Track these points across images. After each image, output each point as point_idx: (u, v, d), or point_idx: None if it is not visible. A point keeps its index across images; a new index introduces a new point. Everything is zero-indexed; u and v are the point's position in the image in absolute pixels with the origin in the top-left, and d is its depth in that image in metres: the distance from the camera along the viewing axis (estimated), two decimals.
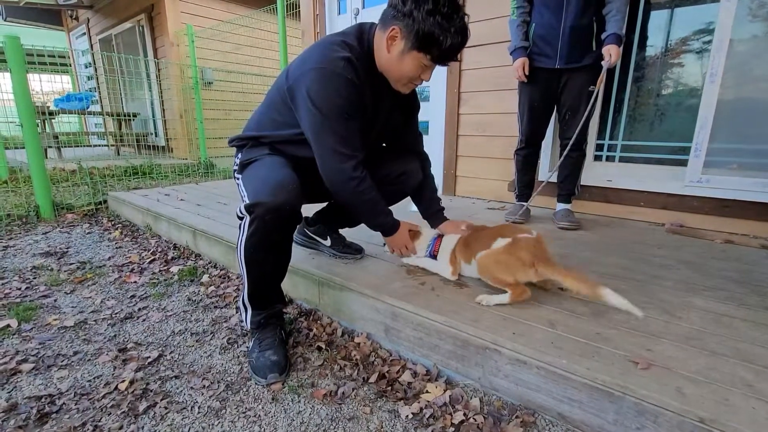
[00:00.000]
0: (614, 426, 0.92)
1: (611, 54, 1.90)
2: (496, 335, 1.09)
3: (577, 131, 2.04)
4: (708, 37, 2.24)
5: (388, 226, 1.43)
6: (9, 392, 1.17)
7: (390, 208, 1.50)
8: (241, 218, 1.17)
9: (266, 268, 1.24)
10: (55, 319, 1.58)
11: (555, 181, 2.33)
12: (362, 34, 1.22)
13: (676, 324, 1.16)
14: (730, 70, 2.03)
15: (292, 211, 1.17)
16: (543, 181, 2.21)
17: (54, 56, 3.81)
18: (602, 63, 1.95)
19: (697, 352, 1.02)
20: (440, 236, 1.55)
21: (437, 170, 3.15)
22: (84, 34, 7.56)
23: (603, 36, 1.95)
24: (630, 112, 2.52)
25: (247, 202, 1.15)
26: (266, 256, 1.21)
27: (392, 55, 1.17)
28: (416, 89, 1.45)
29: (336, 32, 1.24)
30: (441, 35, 1.10)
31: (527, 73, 2.11)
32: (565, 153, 2.11)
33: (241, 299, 1.30)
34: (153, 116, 6.49)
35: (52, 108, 5.39)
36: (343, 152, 1.19)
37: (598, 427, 0.94)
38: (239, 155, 1.38)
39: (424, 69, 1.19)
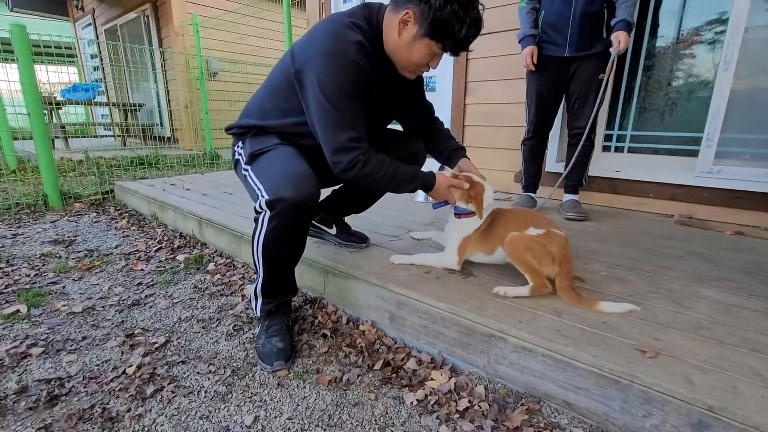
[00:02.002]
0: (621, 414, 0.91)
1: (620, 40, 1.86)
2: (502, 323, 1.08)
3: (589, 121, 2.01)
4: (721, 26, 2.19)
5: (418, 189, 1.29)
6: (19, 375, 1.19)
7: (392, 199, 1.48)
8: (258, 213, 1.15)
9: (283, 260, 1.24)
10: (64, 305, 1.60)
11: (562, 171, 2.31)
12: (371, 15, 1.18)
13: (684, 314, 1.15)
14: (744, 58, 1.99)
15: (313, 204, 1.16)
16: (561, 174, 2.18)
17: (60, 47, 3.81)
18: (611, 50, 1.91)
19: (706, 341, 1.01)
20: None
21: None
22: (89, 24, 7.56)
23: (612, 22, 1.91)
24: (640, 101, 2.48)
25: (267, 197, 1.12)
26: (284, 248, 1.21)
27: (402, 39, 1.14)
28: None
29: (342, 12, 1.20)
30: (456, 25, 1.07)
31: (536, 62, 2.07)
32: (581, 143, 2.06)
33: (253, 289, 1.30)
34: (158, 107, 6.49)
35: (59, 98, 5.41)
36: (346, 145, 1.14)
37: (604, 414, 0.94)
38: (240, 144, 1.34)
39: (434, 57, 1.16)
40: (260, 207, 1.14)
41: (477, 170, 1.41)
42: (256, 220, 1.17)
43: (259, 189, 1.19)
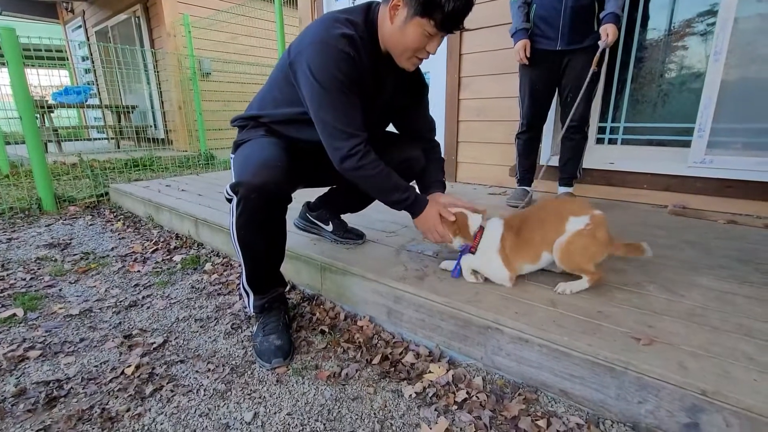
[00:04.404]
0: (616, 401, 0.92)
1: (608, 33, 1.87)
2: (498, 315, 1.09)
3: (571, 111, 2.01)
4: (712, 17, 2.20)
5: (407, 204, 1.27)
6: (18, 378, 1.19)
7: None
8: (229, 200, 1.18)
9: (260, 249, 1.24)
10: (61, 308, 1.60)
11: (557, 164, 2.32)
12: (368, 12, 1.19)
13: (678, 302, 1.16)
14: (734, 48, 2.00)
15: (277, 189, 1.16)
16: (557, 167, 2.16)
17: (51, 50, 3.79)
18: (599, 43, 1.92)
19: (699, 327, 1.02)
20: (482, 228, 1.29)
21: None
22: (80, 26, 7.49)
23: (601, 15, 1.92)
24: (632, 93, 2.49)
25: (233, 181, 1.16)
26: (257, 236, 1.21)
27: (395, 25, 1.13)
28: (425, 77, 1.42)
29: (341, 9, 1.21)
30: None
31: (529, 56, 2.08)
32: (562, 131, 2.05)
33: (241, 284, 1.31)
34: (152, 108, 6.46)
35: (51, 102, 5.37)
36: (342, 129, 1.16)
37: (600, 402, 0.95)
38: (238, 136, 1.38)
39: (429, 39, 1.14)
40: (227, 193, 1.17)
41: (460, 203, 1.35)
42: (230, 209, 1.19)
43: (232, 176, 1.23)
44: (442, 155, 1.55)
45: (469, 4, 1.10)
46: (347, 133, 1.16)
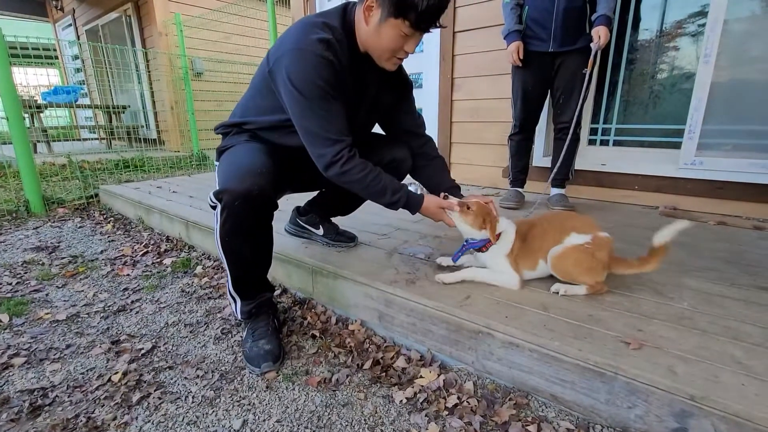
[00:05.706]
0: (606, 405, 0.92)
1: (600, 35, 1.88)
2: (489, 319, 1.09)
3: (575, 115, 2.02)
4: (703, 18, 2.21)
5: (400, 204, 1.26)
6: (1, 386, 1.16)
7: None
8: (213, 207, 1.16)
9: (245, 255, 1.22)
10: (47, 313, 1.57)
11: (548, 165, 2.33)
12: (345, 14, 1.17)
13: (667, 304, 1.17)
14: (724, 50, 2.02)
15: (262, 196, 1.13)
16: (548, 167, 2.18)
17: (38, 48, 3.73)
18: (591, 45, 1.93)
19: (689, 331, 1.02)
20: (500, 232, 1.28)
21: None
22: (70, 25, 7.40)
23: (593, 17, 1.93)
24: (624, 95, 2.50)
25: (217, 189, 1.14)
26: (243, 243, 1.19)
27: (370, 27, 1.12)
28: (408, 75, 1.41)
29: (318, 12, 1.20)
30: None
31: (522, 57, 2.08)
32: (568, 138, 2.06)
33: (227, 290, 1.30)
34: (144, 108, 6.39)
35: (40, 102, 5.29)
36: (325, 136, 1.14)
37: (590, 407, 0.95)
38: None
39: (406, 39, 1.12)
40: (211, 200, 1.15)
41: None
42: (214, 216, 1.17)
43: (216, 183, 1.21)
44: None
45: (443, 2, 1.08)
46: (330, 139, 1.14)
